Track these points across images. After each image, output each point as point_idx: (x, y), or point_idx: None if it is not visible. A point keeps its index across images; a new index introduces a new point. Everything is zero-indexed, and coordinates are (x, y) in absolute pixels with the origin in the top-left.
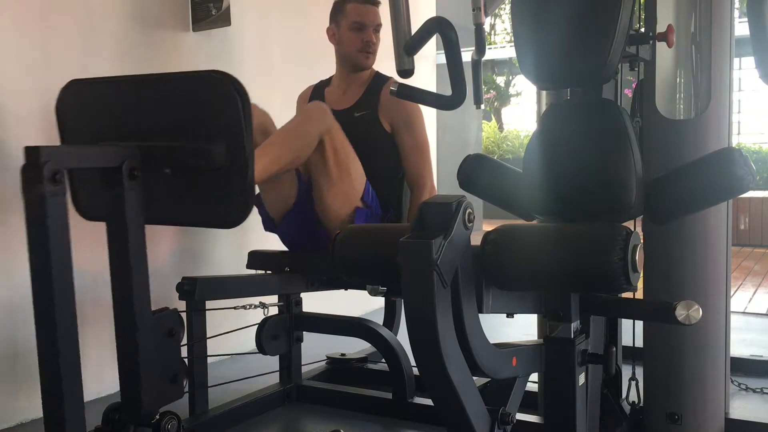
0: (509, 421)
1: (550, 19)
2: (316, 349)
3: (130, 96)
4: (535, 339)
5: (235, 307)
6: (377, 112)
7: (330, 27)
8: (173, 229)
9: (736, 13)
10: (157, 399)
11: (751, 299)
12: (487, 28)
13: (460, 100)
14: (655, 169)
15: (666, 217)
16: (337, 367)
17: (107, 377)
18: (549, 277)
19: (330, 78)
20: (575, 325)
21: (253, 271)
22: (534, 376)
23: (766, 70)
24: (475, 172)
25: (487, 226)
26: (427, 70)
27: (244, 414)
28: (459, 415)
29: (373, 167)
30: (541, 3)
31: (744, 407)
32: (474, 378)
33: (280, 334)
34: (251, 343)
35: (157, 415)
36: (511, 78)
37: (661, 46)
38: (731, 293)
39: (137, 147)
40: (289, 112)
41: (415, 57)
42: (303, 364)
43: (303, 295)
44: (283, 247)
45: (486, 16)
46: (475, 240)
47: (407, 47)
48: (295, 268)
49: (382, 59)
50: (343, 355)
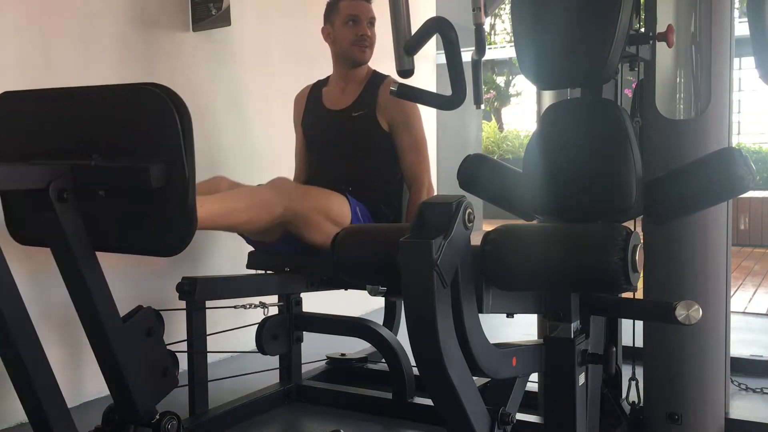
0: (509, 421)
1: (550, 19)
2: (316, 349)
3: (64, 109)
4: (535, 339)
5: (235, 307)
6: (375, 112)
7: (325, 27)
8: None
9: (736, 13)
10: (152, 396)
11: (751, 299)
12: (487, 28)
13: (460, 100)
14: (655, 169)
15: (666, 217)
16: (337, 367)
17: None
18: (549, 277)
19: (327, 78)
20: (575, 325)
21: (253, 271)
22: (534, 376)
23: (766, 70)
24: (475, 172)
25: (487, 226)
26: (427, 70)
27: (244, 414)
28: (459, 415)
29: (371, 167)
30: (541, 3)
31: (744, 407)
32: (474, 378)
33: (280, 334)
34: (251, 343)
35: (157, 415)
36: (511, 78)
37: (661, 46)
38: (731, 293)
39: (68, 166)
40: (289, 112)
41: (415, 57)
42: (303, 364)
43: (303, 295)
44: None
45: (486, 16)
46: (475, 240)
47: (407, 47)
48: (295, 268)
49: (381, 59)
50: (343, 355)
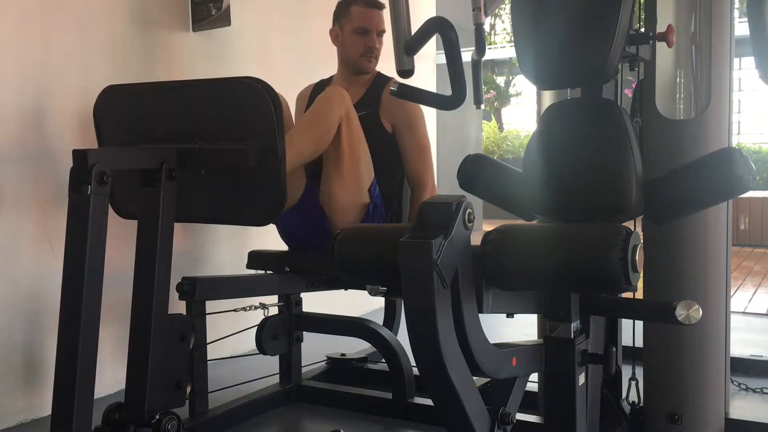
0: (509, 421)
1: (550, 19)
2: (316, 349)
3: (166, 100)
4: (535, 339)
5: (235, 310)
6: (378, 113)
7: (333, 29)
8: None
9: (736, 13)
10: (160, 402)
11: (751, 299)
12: (487, 28)
13: (460, 100)
14: (655, 169)
15: (666, 217)
16: (337, 367)
17: (107, 377)
18: (549, 277)
19: (331, 77)
20: (575, 325)
21: (253, 271)
22: (534, 376)
23: (766, 70)
24: (475, 172)
25: (487, 226)
26: (427, 70)
27: (244, 414)
28: (459, 415)
29: (375, 168)
30: (541, 3)
31: (744, 407)
32: (474, 378)
33: (280, 335)
34: (251, 343)
35: (157, 415)
36: (511, 78)
37: (661, 46)
38: (731, 293)
39: (175, 149)
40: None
41: (415, 57)
42: (303, 364)
43: (303, 295)
44: (284, 246)
45: (486, 16)
46: (475, 240)
47: (407, 47)
48: (295, 268)
49: (382, 59)
50: (343, 355)
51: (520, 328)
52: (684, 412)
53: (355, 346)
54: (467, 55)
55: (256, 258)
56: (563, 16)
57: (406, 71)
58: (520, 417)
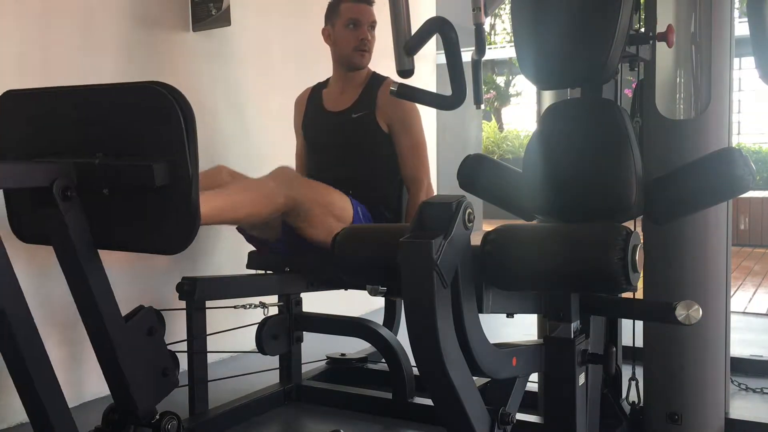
0: (509, 421)
1: (550, 19)
2: (316, 349)
3: (69, 108)
4: (535, 339)
5: (235, 307)
6: (374, 113)
7: (325, 28)
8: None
9: (736, 13)
10: (152, 396)
11: (751, 299)
12: (487, 28)
13: (460, 100)
14: (655, 169)
15: (666, 217)
16: (337, 367)
17: None
18: (549, 277)
19: (327, 80)
20: (575, 325)
21: (253, 271)
22: (534, 376)
23: (766, 70)
24: (475, 172)
25: (487, 226)
26: (427, 70)
27: (244, 414)
28: (459, 415)
29: (371, 168)
30: (541, 3)
31: (744, 407)
32: (474, 378)
33: (280, 334)
34: (251, 343)
35: (157, 415)
36: (511, 78)
37: (661, 46)
38: (731, 293)
39: (72, 164)
40: (288, 112)
41: (415, 57)
42: (303, 364)
43: (303, 295)
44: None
45: (486, 16)
46: (475, 240)
47: (407, 47)
48: (295, 268)
49: (381, 59)
50: (343, 355)
51: (520, 328)
52: (684, 412)
53: (355, 346)
54: (467, 55)
55: (256, 258)
56: (563, 16)
57: (406, 71)
58: (520, 417)
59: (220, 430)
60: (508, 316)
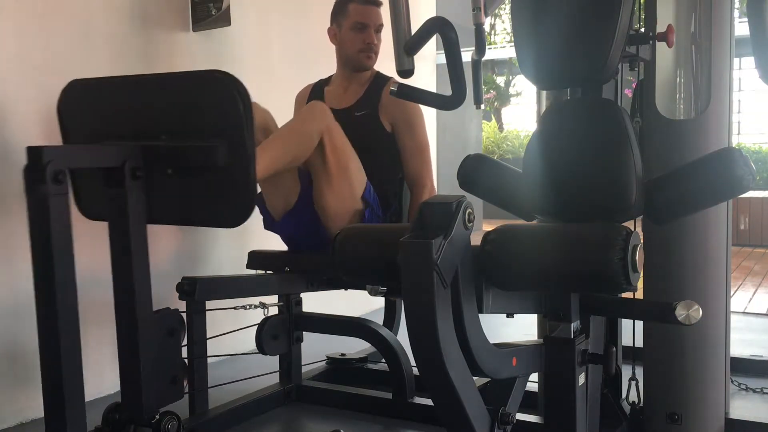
0: (509, 421)
1: (550, 19)
2: (316, 349)
3: (132, 95)
4: (535, 339)
5: (235, 307)
6: (378, 112)
7: (331, 27)
8: (173, 228)
9: (736, 13)
10: (158, 399)
11: (751, 299)
12: (487, 28)
13: (460, 100)
14: (655, 169)
15: (666, 218)
16: (337, 367)
17: (107, 377)
18: (549, 277)
19: (330, 77)
20: (575, 325)
21: (253, 271)
22: (534, 376)
23: (766, 70)
24: (475, 172)
25: (487, 226)
26: (427, 70)
27: (244, 414)
28: (459, 415)
29: (373, 167)
30: (541, 3)
31: (744, 407)
32: (474, 378)
33: (280, 334)
34: (251, 343)
35: (157, 415)
36: (511, 78)
37: (661, 46)
38: (731, 293)
39: (140, 146)
40: (288, 112)
41: (415, 57)
42: (303, 364)
43: (303, 295)
44: (284, 246)
45: (486, 16)
46: (475, 240)
47: (407, 47)
48: (295, 268)
49: (382, 59)
50: (343, 355)
51: (520, 328)
52: (684, 412)
53: (355, 346)
54: (467, 55)
55: (256, 258)
56: (563, 17)
57: (406, 71)
58: (520, 417)
59: (220, 430)
60: (508, 316)
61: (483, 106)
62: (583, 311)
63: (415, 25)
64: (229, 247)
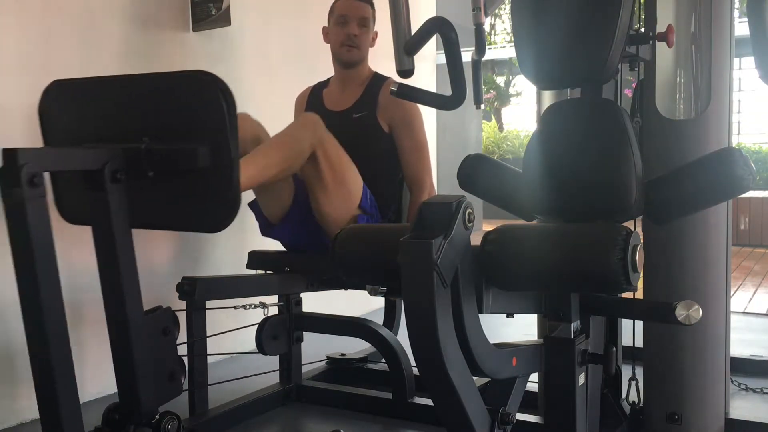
0: (509, 421)
1: (550, 19)
2: (316, 349)
3: (114, 96)
4: (535, 339)
5: (235, 307)
6: (376, 113)
7: (324, 27)
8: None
9: (736, 13)
10: (156, 398)
11: (751, 299)
12: (487, 28)
13: (460, 100)
14: (655, 169)
15: (666, 217)
16: (337, 367)
17: (106, 377)
18: (549, 277)
19: (328, 79)
20: (575, 325)
21: (253, 271)
22: (534, 376)
23: (766, 70)
24: (475, 172)
25: (487, 226)
26: (427, 70)
27: (244, 414)
28: (459, 415)
29: (372, 168)
30: (540, 3)
31: (744, 407)
32: (474, 378)
33: (280, 334)
34: (251, 343)
35: (157, 415)
36: (511, 78)
37: (661, 46)
38: (731, 293)
39: (120, 149)
40: (288, 113)
41: (415, 57)
42: (303, 364)
43: (303, 295)
44: (283, 246)
45: (486, 16)
46: (475, 240)
47: (407, 47)
48: (295, 268)
49: (381, 59)
50: (343, 355)
51: (520, 328)
52: (684, 412)
53: (355, 346)
54: (467, 55)
55: (256, 258)
56: (563, 16)
57: (406, 71)
58: (520, 417)
59: (220, 430)
60: (508, 316)
61: (483, 106)
62: (583, 311)
63: (415, 25)
64: (229, 247)
